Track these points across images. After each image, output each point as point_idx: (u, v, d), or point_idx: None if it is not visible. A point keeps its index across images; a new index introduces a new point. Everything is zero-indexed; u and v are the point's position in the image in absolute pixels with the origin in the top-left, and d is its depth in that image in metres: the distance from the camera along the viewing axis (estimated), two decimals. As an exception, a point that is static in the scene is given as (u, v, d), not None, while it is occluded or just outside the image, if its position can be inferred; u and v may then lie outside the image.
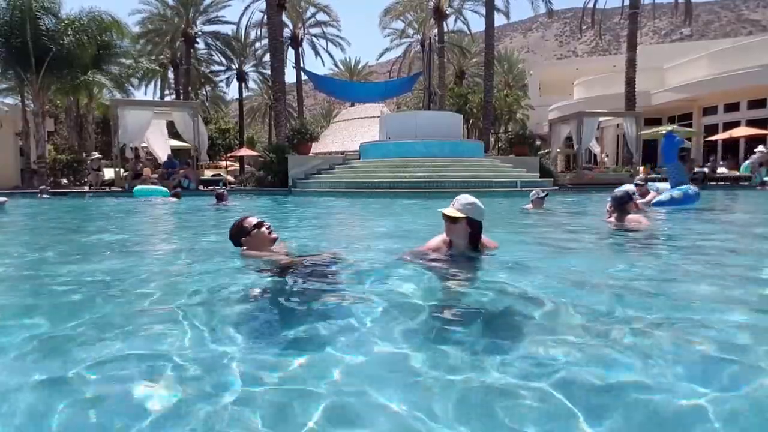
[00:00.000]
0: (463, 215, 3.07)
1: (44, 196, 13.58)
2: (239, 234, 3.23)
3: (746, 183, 17.29)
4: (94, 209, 10.44)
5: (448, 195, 3.38)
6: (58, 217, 8.84)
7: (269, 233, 3.24)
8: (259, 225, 3.22)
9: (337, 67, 52.27)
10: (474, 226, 3.15)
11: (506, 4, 30.45)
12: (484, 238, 3.30)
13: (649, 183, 9.78)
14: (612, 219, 5.48)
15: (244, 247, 3.27)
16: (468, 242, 3.20)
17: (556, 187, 15.89)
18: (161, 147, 19.37)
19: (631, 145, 20.21)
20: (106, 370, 1.69)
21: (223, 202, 9.65)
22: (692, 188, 8.20)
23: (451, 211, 3.09)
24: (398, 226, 6.78)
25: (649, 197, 8.14)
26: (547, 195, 8.25)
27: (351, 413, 1.42)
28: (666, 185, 8.92)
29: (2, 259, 4.12)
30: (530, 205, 8.06)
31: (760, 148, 17.25)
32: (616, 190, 5.58)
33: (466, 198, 3.14)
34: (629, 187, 7.69)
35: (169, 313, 2.29)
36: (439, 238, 3.35)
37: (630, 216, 5.33)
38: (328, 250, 3.78)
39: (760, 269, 3.48)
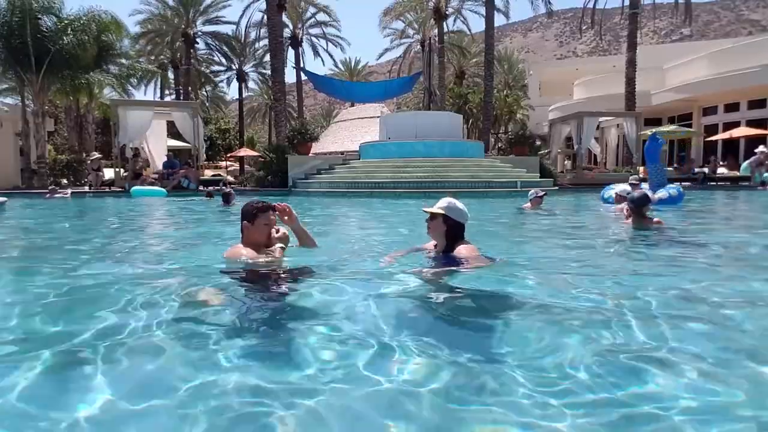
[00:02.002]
0: (441, 212, 3.12)
1: (55, 195, 13.52)
2: (247, 215, 3.24)
3: (746, 183, 17.30)
4: (107, 210, 10.41)
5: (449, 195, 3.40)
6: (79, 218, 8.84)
7: (268, 233, 3.23)
8: (263, 216, 3.21)
9: (337, 67, 52.36)
10: (450, 224, 3.13)
11: (506, 4, 30.41)
12: (465, 247, 3.14)
13: (644, 183, 9.80)
14: (629, 221, 5.49)
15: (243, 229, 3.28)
16: (445, 241, 3.19)
17: (556, 187, 15.89)
18: (159, 148, 19.34)
19: (630, 145, 20.22)
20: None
21: (230, 203, 9.30)
22: (676, 188, 8.33)
23: (429, 208, 3.19)
24: (394, 227, 6.79)
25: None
26: (545, 194, 8.27)
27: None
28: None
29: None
30: (528, 204, 8.07)
31: (761, 148, 17.24)
32: (635, 192, 5.57)
33: (445, 198, 3.22)
34: (624, 187, 7.73)
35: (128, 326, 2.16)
36: (431, 242, 3.40)
37: (653, 219, 5.35)
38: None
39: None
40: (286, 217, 3.39)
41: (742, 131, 20.45)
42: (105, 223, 7.92)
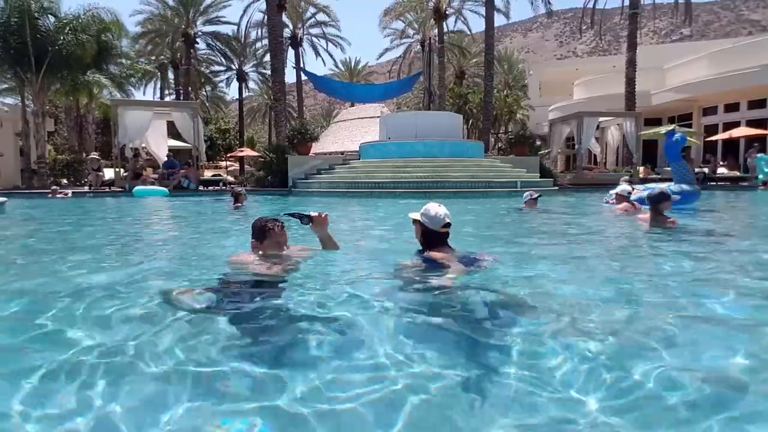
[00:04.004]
0: (417, 218, 3.18)
1: (57, 195, 13.51)
2: (257, 232, 3.18)
3: (745, 183, 17.29)
4: (120, 208, 10.38)
5: (449, 195, 3.43)
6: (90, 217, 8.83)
7: (278, 240, 3.16)
8: (274, 237, 3.14)
9: (337, 67, 52.20)
10: (423, 230, 3.16)
11: (506, 4, 30.47)
12: (438, 253, 3.12)
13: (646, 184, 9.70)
14: (646, 216, 5.62)
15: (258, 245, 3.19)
16: (421, 245, 3.25)
17: (556, 188, 15.89)
18: (161, 147, 19.36)
19: (630, 145, 20.21)
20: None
21: (240, 203, 8.97)
22: (683, 187, 7.98)
23: (412, 214, 3.25)
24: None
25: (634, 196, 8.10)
26: (540, 196, 8.36)
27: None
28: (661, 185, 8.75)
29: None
30: (524, 205, 8.22)
31: None
32: (653, 190, 5.64)
33: (427, 204, 3.21)
34: (625, 187, 7.66)
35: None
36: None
37: (669, 219, 5.40)
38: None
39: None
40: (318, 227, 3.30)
41: (742, 131, 20.43)
42: (120, 223, 7.90)
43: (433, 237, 3.15)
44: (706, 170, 19.14)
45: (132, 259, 4.20)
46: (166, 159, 18.47)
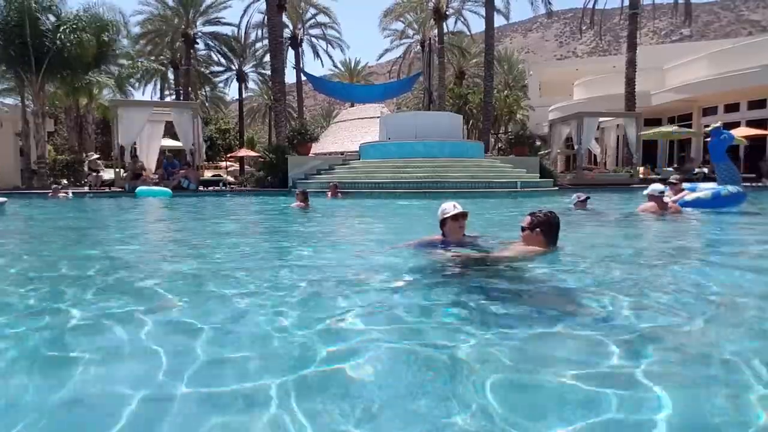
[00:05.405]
0: (441, 218, 4.04)
1: (58, 195, 13.44)
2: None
3: (748, 184, 17.26)
4: (170, 208, 10.35)
5: (449, 195, 3.55)
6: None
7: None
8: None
9: (336, 67, 52.15)
10: (441, 221, 3.98)
11: (506, 5, 30.62)
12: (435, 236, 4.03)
13: (686, 183, 9.08)
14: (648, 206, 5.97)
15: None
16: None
17: (556, 188, 15.89)
18: (152, 150, 19.13)
19: (631, 145, 20.22)
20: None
21: (304, 203, 8.98)
22: (728, 189, 7.43)
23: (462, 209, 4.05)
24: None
25: (678, 196, 7.74)
26: (588, 198, 7.97)
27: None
28: (708, 185, 8.29)
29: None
30: (573, 207, 7.92)
31: None
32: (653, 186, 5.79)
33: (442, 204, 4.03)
34: (655, 187, 7.30)
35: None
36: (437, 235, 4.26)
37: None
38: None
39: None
40: None
41: (742, 131, 20.41)
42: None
43: (440, 225, 3.95)
44: (705, 170, 19.14)
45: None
46: (156, 161, 18.41)
